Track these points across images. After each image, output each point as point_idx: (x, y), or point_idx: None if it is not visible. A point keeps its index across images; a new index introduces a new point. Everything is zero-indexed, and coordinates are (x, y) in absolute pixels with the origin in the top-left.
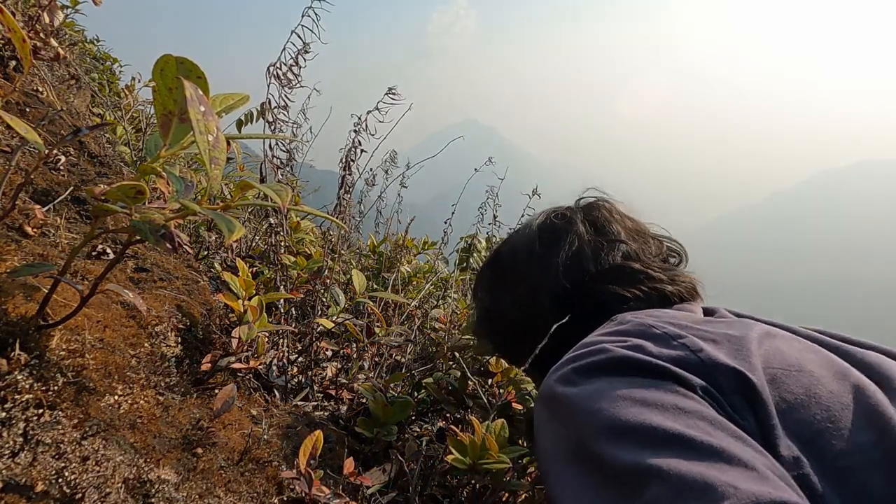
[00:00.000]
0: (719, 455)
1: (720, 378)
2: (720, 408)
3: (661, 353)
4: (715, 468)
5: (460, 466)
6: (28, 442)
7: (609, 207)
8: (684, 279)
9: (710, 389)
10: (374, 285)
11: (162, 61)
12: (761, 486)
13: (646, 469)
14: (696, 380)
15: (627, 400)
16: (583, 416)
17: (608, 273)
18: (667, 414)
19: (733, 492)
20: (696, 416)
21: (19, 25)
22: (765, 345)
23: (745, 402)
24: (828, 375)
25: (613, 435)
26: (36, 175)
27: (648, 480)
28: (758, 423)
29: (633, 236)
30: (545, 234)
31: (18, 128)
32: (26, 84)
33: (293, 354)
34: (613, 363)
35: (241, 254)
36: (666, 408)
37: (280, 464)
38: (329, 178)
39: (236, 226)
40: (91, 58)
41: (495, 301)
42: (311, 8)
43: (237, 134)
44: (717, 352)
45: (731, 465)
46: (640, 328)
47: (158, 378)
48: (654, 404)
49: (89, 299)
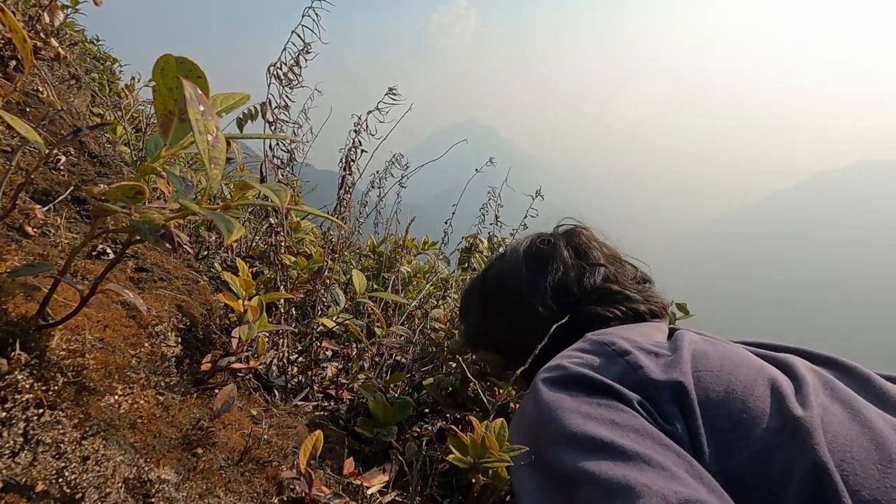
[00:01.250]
0: (642, 459)
1: (654, 392)
2: (652, 419)
3: (607, 371)
4: (636, 470)
5: (461, 465)
6: (28, 442)
7: (587, 234)
8: (656, 299)
9: (644, 403)
10: (375, 285)
11: (162, 61)
12: (673, 485)
13: (581, 472)
14: (633, 395)
15: (575, 412)
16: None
17: (590, 294)
18: (604, 426)
19: (647, 490)
20: (629, 428)
21: (20, 25)
22: (693, 350)
23: (677, 409)
24: (744, 372)
25: (561, 442)
26: (36, 175)
27: (582, 483)
28: (687, 427)
29: (611, 260)
30: (531, 259)
31: (19, 127)
32: (27, 84)
33: (293, 354)
34: (568, 379)
35: (241, 254)
36: (604, 420)
37: (280, 464)
38: (329, 178)
39: (236, 226)
40: (91, 58)
41: (485, 324)
42: (311, 8)
43: (237, 134)
44: (654, 366)
45: (651, 467)
46: (597, 346)
47: (158, 378)
48: (595, 417)
49: (89, 299)
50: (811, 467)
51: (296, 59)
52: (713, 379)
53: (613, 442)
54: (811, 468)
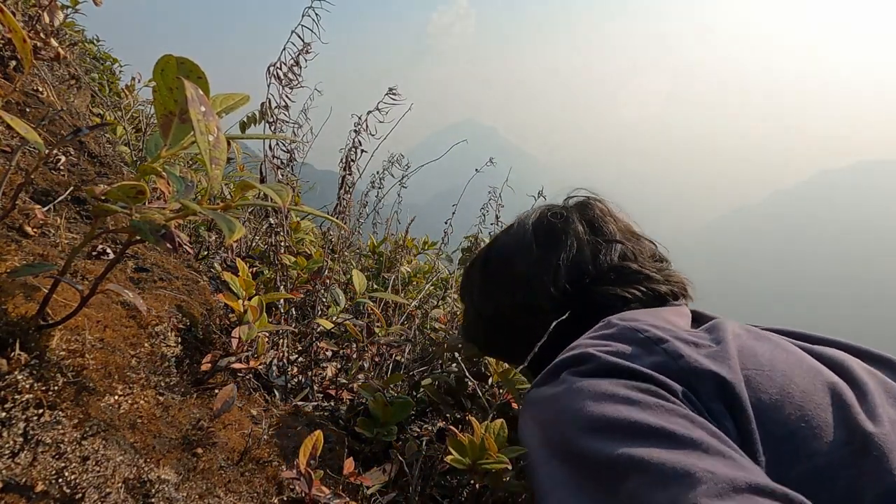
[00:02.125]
0: (697, 445)
1: (699, 384)
2: (699, 413)
3: (643, 360)
4: (693, 456)
5: (459, 467)
6: (28, 442)
7: (602, 207)
8: (677, 279)
9: (689, 395)
10: (374, 285)
11: (162, 61)
12: (737, 472)
13: (626, 460)
14: (676, 385)
15: (610, 399)
16: (567, 414)
17: (607, 274)
18: (648, 411)
19: (711, 476)
20: (676, 413)
21: (20, 25)
22: (739, 346)
23: (724, 407)
24: (800, 374)
25: (595, 430)
26: (36, 175)
27: (629, 471)
28: (737, 428)
29: (627, 236)
30: (542, 234)
31: (18, 128)
32: (26, 84)
33: (293, 354)
34: (599, 369)
35: (241, 254)
36: (647, 405)
37: (280, 464)
38: (329, 178)
39: (236, 226)
40: (91, 58)
41: (489, 303)
42: (311, 8)
43: (237, 134)
44: (697, 356)
45: (709, 454)
46: (626, 332)
47: (158, 378)
48: (635, 402)
49: (89, 299)
50: (885, 494)
51: (296, 59)
52: (765, 379)
53: (663, 427)
54: (884, 495)
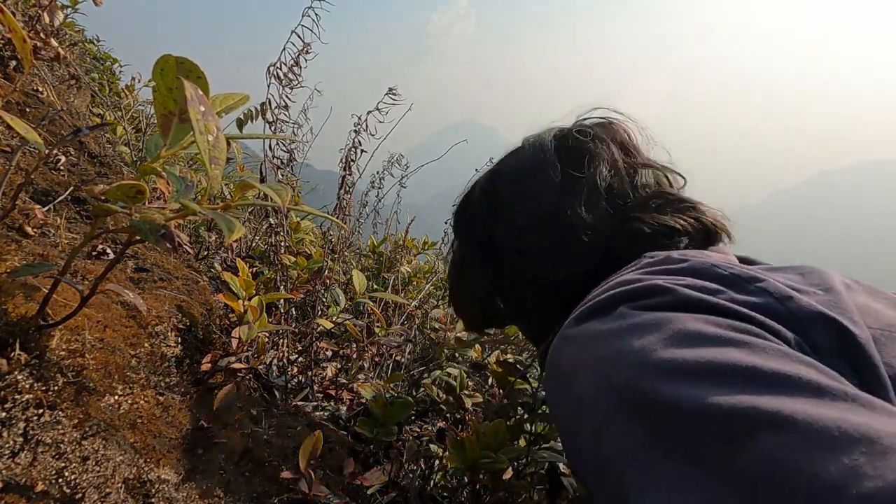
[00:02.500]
0: (854, 399)
1: (816, 334)
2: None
3: (737, 298)
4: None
5: (459, 467)
6: (28, 442)
7: (626, 129)
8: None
9: (804, 346)
10: (374, 285)
11: (162, 61)
12: None
13: (753, 412)
14: (787, 332)
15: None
16: (640, 354)
17: (650, 200)
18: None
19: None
20: (800, 360)
21: (20, 25)
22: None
23: (850, 367)
24: None
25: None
26: (36, 175)
27: (757, 429)
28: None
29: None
30: (565, 153)
31: (18, 128)
32: (26, 84)
33: (293, 354)
34: (677, 304)
35: (241, 254)
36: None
37: (280, 464)
38: (329, 178)
39: (236, 226)
40: (91, 58)
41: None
42: (311, 8)
43: (237, 134)
44: (809, 299)
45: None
46: (702, 267)
47: (158, 378)
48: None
49: (89, 299)
50: None
51: (296, 60)
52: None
53: (791, 373)
54: None
